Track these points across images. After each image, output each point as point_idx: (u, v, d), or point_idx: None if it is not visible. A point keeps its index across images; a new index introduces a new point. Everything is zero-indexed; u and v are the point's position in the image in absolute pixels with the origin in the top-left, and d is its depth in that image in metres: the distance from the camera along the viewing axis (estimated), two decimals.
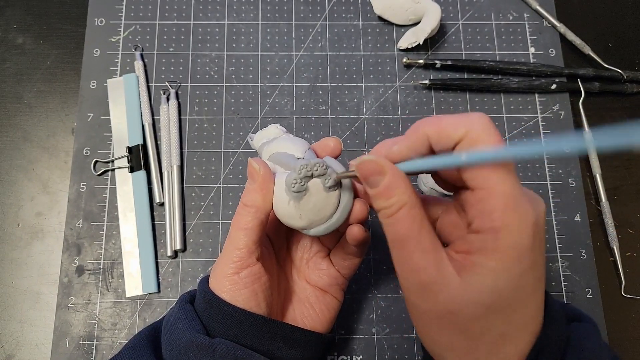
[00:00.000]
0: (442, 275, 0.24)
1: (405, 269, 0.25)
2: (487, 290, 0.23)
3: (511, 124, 0.48)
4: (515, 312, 0.23)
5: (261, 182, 0.30)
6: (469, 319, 0.24)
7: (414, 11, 0.49)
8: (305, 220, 0.29)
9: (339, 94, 0.48)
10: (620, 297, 0.43)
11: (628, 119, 0.49)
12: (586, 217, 0.45)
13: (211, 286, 0.30)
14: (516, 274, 0.23)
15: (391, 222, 0.25)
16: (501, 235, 0.22)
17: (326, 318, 0.34)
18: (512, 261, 0.22)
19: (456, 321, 0.24)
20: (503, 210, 0.22)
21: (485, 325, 0.24)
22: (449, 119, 0.24)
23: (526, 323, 0.24)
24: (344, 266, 0.34)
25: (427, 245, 0.24)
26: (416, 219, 0.24)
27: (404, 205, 0.25)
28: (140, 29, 0.49)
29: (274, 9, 0.51)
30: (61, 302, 0.42)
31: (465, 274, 0.23)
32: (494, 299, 0.23)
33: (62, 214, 0.44)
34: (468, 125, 0.23)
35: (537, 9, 0.51)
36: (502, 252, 0.22)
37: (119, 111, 0.47)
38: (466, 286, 0.23)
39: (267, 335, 0.30)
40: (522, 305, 0.24)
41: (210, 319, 0.30)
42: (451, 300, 0.23)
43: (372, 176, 0.26)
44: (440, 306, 0.24)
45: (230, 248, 0.30)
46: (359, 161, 0.26)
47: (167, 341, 0.30)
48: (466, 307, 0.23)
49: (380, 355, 0.41)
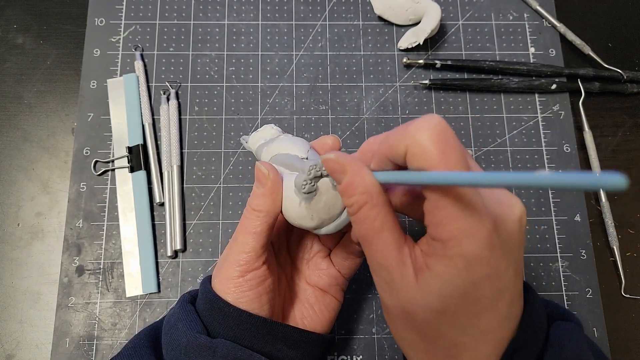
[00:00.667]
0: (401, 275, 0.24)
1: (372, 265, 0.26)
2: (436, 295, 0.23)
3: (511, 124, 0.48)
4: (469, 321, 0.23)
5: (271, 186, 0.30)
6: (423, 322, 0.24)
7: (414, 11, 0.49)
8: (317, 220, 0.29)
9: (339, 94, 0.48)
10: (620, 297, 0.43)
11: (628, 119, 0.49)
12: (586, 217, 0.45)
13: (214, 287, 0.30)
14: (465, 283, 0.22)
15: (354, 220, 0.25)
16: (449, 245, 0.22)
17: (326, 318, 0.34)
18: (460, 270, 0.22)
19: (413, 322, 0.24)
20: (449, 222, 0.22)
21: (438, 331, 0.24)
22: (394, 134, 0.24)
23: (482, 333, 0.23)
24: (345, 266, 0.34)
25: (387, 244, 0.24)
26: (377, 219, 0.24)
27: (363, 205, 0.25)
28: (140, 29, 0.49)
29: (274, 9, 0.51)
30: (61, 302, 0.42)
31: (420, 276, 0.23)
32: (443, 305, 0.23)
33: (62, 214, 0.44)
34: (407, 139, 0.22)
35: (537, 9, 0.51)
36: (450, 260, 0.22)
37: (119, 111, 0.47)
38: (419, 288, 0.23)
39: (268, 336, 0.30)
40: (475, 316, 0.23)
41: (212, 319, 0.30)
42: (408, 301, 0.24)
43: (335, 174, 0.26)
44: (400, 305, 0.24)
45: (237, 251, 0.30)
46: (323, 158, 0.27)
47: (167, 341, 0.30)
48: (420, 310, 0.23)
49: (380, 355, 0.41)
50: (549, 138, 0.47)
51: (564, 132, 0.48)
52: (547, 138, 0.47)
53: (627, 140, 0.48)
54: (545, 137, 0.47)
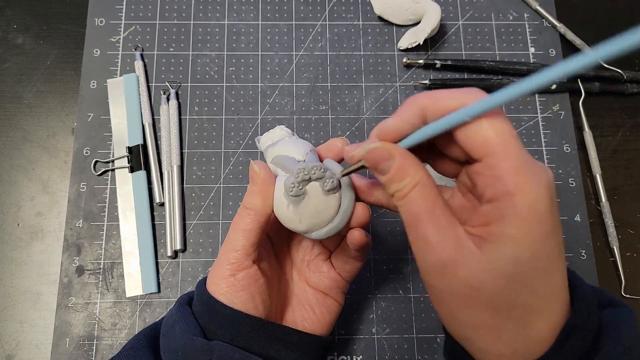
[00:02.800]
0: (460, 250, 0.23)
1: (422, 249, 0.24)
2: (509, 259, 0.22)
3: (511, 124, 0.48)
4: (541, 281, 0.23)
5: (261, 184, 0.30)
6: (493, 292, 0.23)
7: (414, 11, 0.49)
8: (306, 225, 0.29)
9: (339, 94, 0.48)
10: (620, 297, 0.43)
11: (628, 119, 0.49)
12: (586, 217, 0.45)
13: (208, 288, 0.30)
14: (537, 239, 0.22)
15: (405, 203, 0.25)
16: (517, 198, 0.22)
17: (326, 321, 0.34)
18: (531, 225, 0.22)
19: (479, 297, 0.23)
20: (515, 173, 0.22)
21: (510, 297, 0.23)
22: (445, 91, 0.24)
23: (554, 293, 0.23)
24: (345, 269, 0.34)
25: (442, 222, 0.24)
26: (430, 197, 0.24)
27: (416, 184, 0.24)
28: (140, 29, 0.49)
29: (274, 9, 0.51)
30: (61, 302, 0.42)
31: (485, 246, 0.23)
32: (517, 268, 0.22)
33: (62, 214, 0.44)
34: (464, 96, 0.23)
35: (537, 9, 0.51)
36: (520, 217, 0.22)
37: (119, 111, 0.47)
38: (487, 258, 0.22)
39: (265, 337, 0.30)
40: (547, 274, 0.23)
41: (208, 321, 0.30)
42: (472, 275, 0.23)
43: (381, 163, 0.25)
44: (461, 283, 0.23)
45: (228, 249, 0.30)
46: (366, 150, 0.26)
47: (165, 343, 0.30)
48: (489, 280, 0.22)
49: (380, 355, 0.41)
50: (549, 138, 0.47)
51: (564, 132, 0.48)
52: (547, 138, 0.47)
53: (627, 140, 0.48)
54: (545, 137, 0.47)
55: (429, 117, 0.25)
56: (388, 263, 0.44)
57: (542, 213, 0.22)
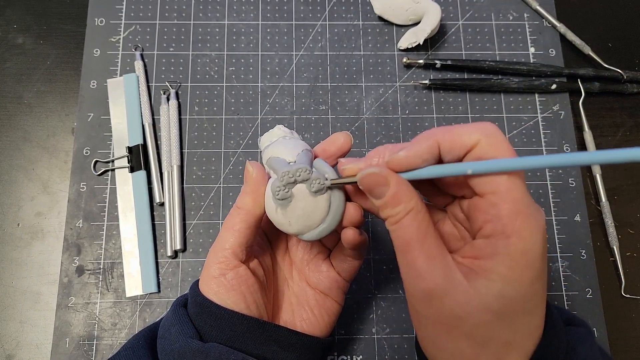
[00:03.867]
0: (448, 280, 0.24)
1: (411, 275, 0.25)
2: (496, 296, 0.23)
3: (511, 124, 0.48)
4: (522, 319, 0.23)
5: (252, 185, 0.30)
6: (476, 325, 0.23)
7: (414, 11, 0.49)
8: (296, 227, 0.29)
9: (339, 94, 0.48)
10: (620, 297, 0.43)
11: (628, 119, 0.49)
12: (586, 217, 0.45)
13: (200, 289, 0.30)
14: (525, 281, 0.23)
15: (397, 229, 0.25)
16: (512, 241, 0.22)
17: (325, 322, 0.34)
18: (522, 268, 0.22)
19: (462, 327, 0.24)
20: (515, 216, 0.22)
21: (492, 332, 0.23)
22: (462, 127, 0.24)
23: (531, 331, 0.24)
24: (344, 269, 0.34)
25: (433, 250, 0.24)
26: (422, 225, 0.25)
27: (409, 212, 0.25)
28: (140, 29, 0.49)
29: (274, 9, 0.51)
30: (61, 302, 0.42)
31: (474, 279, 0.23)
32: (502, 305, 0.23)
33: (62, 214, 0.44)
34: (482, 133, 0.23)
35: (537, 9, 0.51)
36: (513, 259, 0.22)
37: (119, 111, 0.47)
38: (474, 291, 0.23)
39: (261, 338, 0.30)
40: (529, 314, 0.24)
41: (203, 322, 0.30)
42: (458, 305, 0.23)
43: (376, 188, 0.26)
44: (446, 312, 0.24)
45: (217, 248, 0.30)
46: (362, 175, 0.26)
47: (161, 346, 0.30)
48: (473, 313, 0.23)
49: (380, 355, 0.41)
50: (549, 138, 0.47)
51: (564, 132, 0.48)
52: (547, 138, 0.47)
53: (627, 140, 0.48)
54: (545, 137, 0.47)
55: (443, 153, 0.25)
56: (388, 263, 0.44)
57: (534, 258, 0.23)
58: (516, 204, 0.22)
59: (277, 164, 0.30)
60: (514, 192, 0.23)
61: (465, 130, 0.24)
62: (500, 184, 0.23)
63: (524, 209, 0.22)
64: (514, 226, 0.22)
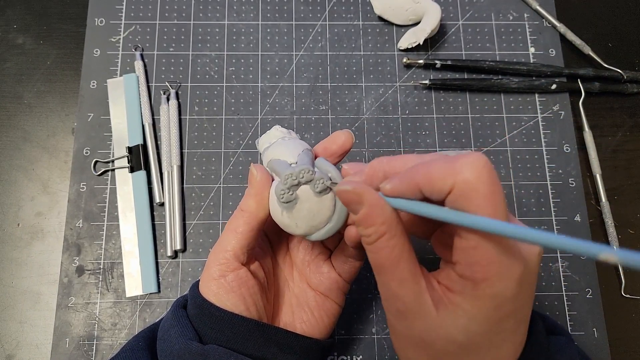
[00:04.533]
0: (418, 305, 0.24)
1: (384, 294, 0.25)
2: (461, 331, 0.23)
3: (511, 124, 0.48)
4: (488, 352, 0.23)
5: (256, 188, 0.30)
6: (440, 352, 0.24)
7: (414, 11, 0.49)
8: (303, 228, 0.29)
9: (339, 94, 0.48)
10: (620, 297, 0.43)
11: (628, 119, 0.49)
12: (586, 217, 0.45)
13: (200, 290, 0.30)
14: (492, 321, 0.22)
15: (371, 250, 0.25)
16: (481, 286, 0.22)
17: (325, 324, 0.34)
18: (489, 309, 0.22)
19: (428, 351, 0.24)
20: (486, 264, 0.22)
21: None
22: (437, 167, 0.22)
23: None
24: (345, 270, 0.34)
25: (405, 275, 0.24)
26: (395, 249, 0.24)
27: (382, 236, 0.24)
28: (140, 29, 0.49)
29: (274, 9, 0.51)
30: (61, 302, 0.42)
31: (442, 309, 0.23)
32: (467, 339, 0.23)
33: (62, 214, 0.44)
34: (456, 175, 0.21)
35: (537, 9, 0.51)
36: (480, 300, 0.22)
37: (119, 111, 0.47)
38: (441, 321, 0.23)
39: (261, 340, 0.30)
40: (496, 347, 0.23)
41: (203, 324, 0.30)
42: (425, 330, 0.24)
43: (351, 205, 0.26)
44: (415, 333, 0.24)
45: (218, 249, 0.30)
46: (338, 189, 0.26)
47: (161, 347, 0.30)
48: (439, 341, 0.23)
49: (380, 355, 0.41)
50: (549, 138, 0.47)
51: (564, 132, 0.48)
52: (547, 138, 0.47)
53: (627, 140, 0.48)
54: (545, 137, 0.47)
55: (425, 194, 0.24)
56: None
57: (504, 300, 0.22)
58: (488, 252, 0.21)
59: (279, 166, 0.30)
60: (488, 242, 0.21)
61: (439, 174, 0.22)
62: (475, 232, 0.22)
63: (496, 257, 0.21)
64: (483, 274, 0.22)
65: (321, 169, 0.29)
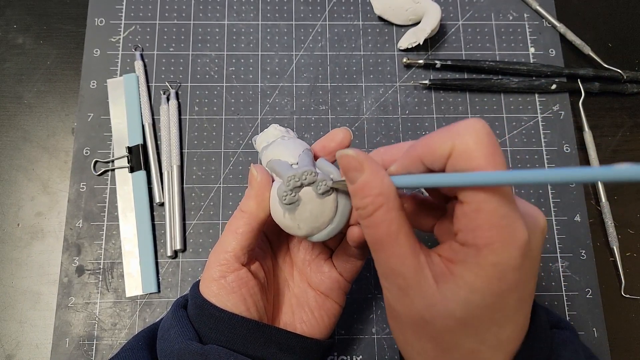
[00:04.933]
0: (418, 280, 0.23)
1: (383, 273, 0.25)
2: (461, 304, 0.22)
3: (511, 124, 0.48)
4: (489, 331, 0.23)
5: (257, 189, 0.30)
6: (441, 330, 0.23)
7: (414, 11, 0.49)
8: (305, 230, 0.29)
9: (339, 94, 0.48)
10: (620, 297, 0.43)
11: (628, 119, 0.49)
12: (586, 217, 0.45)
13: (201, 290, 0.30)
14: (494, 292, 0.22)
15: (368, 224, 0.24)
16: (483, 253, 0.21)
17: (325, 325, 0.34)
18: (491, 279, 0.21)
19: (428, 329, 0.23)
20: (488, 228, 0.21)
21: (456, 339, 0.23)
22: (437, 135, 0.23)
23: (501, 344, 0.23)
24: (346, 269, 0.34)
25: (404, 250, 0.23)
26: (394, 222, 0.24)
27: (379, 207, 0.24)
28: (140, 29, 0.49)
29: (274, 9, 0.51)
30: (61, 302, 0.42)
31: (442, 283, 0.23)
32: (467, 313, 0.22)
33: (62, 214, 0.44)
34: (454, 138, 0.22)
35: (537, 9, 0.51)
36: (482, 269, 0.21)
37: (119, 111, 0.47)
38: (441, 296, 0.22)
39: (261, 340, 0.30)
40: (498, 326, 0.23)
41: (203, 324, 0.30)
42: (425, 308, 0.23)
43: (350, 172, 0.25)
44: (415, 312, 0.23)
45: (219, 250, 0.30)
46: (340, 154, 0.26)
47: (161, 347, 0.30)
48: (439, 318, 0.23)
49: (380, 355, 0.41)
50: (549, 138, 0.47)
51: (564, 132, 0.48)
52: (547, 138, 0.47)
53: (627, 140, 0.48)
54: (545, 137, 0.48)
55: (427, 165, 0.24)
56: None
57: (506, 271, 0.21)
58: (491, 215, 0.21)
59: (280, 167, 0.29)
60: (490, 203, 0.21)
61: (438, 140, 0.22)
62: (477, 194, 0.21)
63: (499, 221, 0.21)
64: (486, 239, 0.21)
65: (323, 169, 0.29)
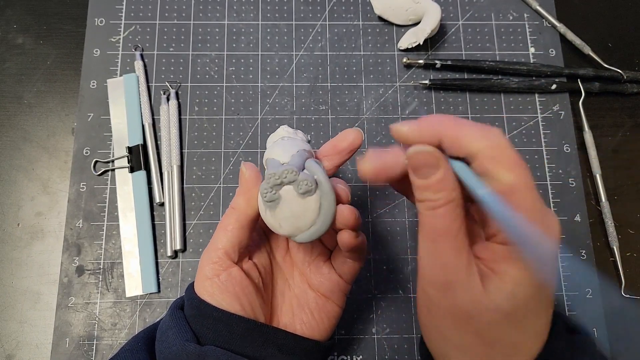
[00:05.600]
0: (467, 275, 0.24)
1: (435, 264, 0.25)
2: (507, 297, 0.23)
3: (511, 124, 0.48)
4: (530, 320, 0.24)
5: (245, 186, 0.30)
6: (486, 324, 0.24)
7: (414, 11, 0.49)
8: (286, 229, 0.29)
9: (339, 94, 0.48)
10: (620, 297, 0.43)
11: (628, 119, 0.49)
12: (586, 217, 0.45)
13: (196, 290, 0.30)
14: (536, 284, 0.23)
15: (432, 215, 0.25)
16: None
17: (325, 326, 0.33)
18: (532, 272, 0.23)
19: (472, 324, 0.24)
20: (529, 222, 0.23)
21: (500, 332, 0.24)
22: (469, 128, 0.24)
23: (537, 332, 0.25)
24: (344, 271, 0.34)
25: (462, 245, 0.24)
26: (458, 218, 0.25)
27: (449, 202, 0.24)
28: (140, 29, 0.49)
29: (274, 9, 0.51)
30: (61, 302, 0.42)
31: (487, 281, 0.24)
32: (512, 306, 0.23)
33: (62, 214, 0.44)
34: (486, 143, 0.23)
35: (537, 9, 0.51)
36: (525, 263, 0.23)
37: (119, 111, 0.47)
38: (488, 292, 0.24)
39: (260, 340, 0.30)
40: (536, 315, 0.24)
41: (200, 325, 0.29)
42: (472, 303, 0.24)
43: (424, 168, 0.25)
44: (459, 307, 0.24)
45: (211, 248, 0.31)
46: (414, 150, 0.26)
47: (159, 349, 0.30)
48: (485, 313, 0.24)
49: (380, 355, 0.41)
50: (549, 138, 0.47)
51: (564, 132, 0.48)
52: (547, 138, 0.47)
53: (627, 140, 0.48)
54: (545, 137, 0.47)
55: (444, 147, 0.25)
56: (388, 263, 0.44)
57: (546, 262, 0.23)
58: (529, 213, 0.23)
59: (270, 165, 0.30)
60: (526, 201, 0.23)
61: (470, 134, 0.24)
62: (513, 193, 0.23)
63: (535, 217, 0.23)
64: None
65: (310, 170, 0.29)
